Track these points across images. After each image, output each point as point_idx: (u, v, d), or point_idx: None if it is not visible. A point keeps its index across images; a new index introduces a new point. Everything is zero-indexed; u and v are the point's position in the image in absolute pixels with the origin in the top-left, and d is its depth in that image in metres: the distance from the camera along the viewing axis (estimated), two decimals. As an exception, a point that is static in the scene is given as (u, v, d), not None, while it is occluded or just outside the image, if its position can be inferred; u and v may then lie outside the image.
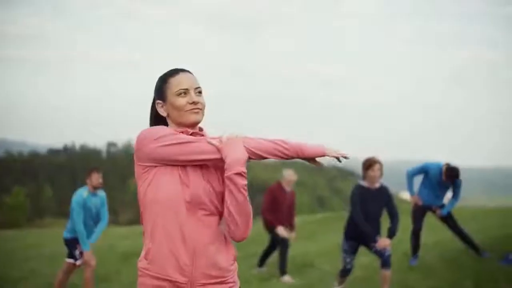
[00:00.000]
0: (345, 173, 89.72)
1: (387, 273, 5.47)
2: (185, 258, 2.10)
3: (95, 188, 6.25)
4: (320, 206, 64.91)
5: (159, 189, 2.11)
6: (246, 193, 2.10)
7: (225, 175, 2.08)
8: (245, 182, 2.09)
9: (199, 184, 2.13)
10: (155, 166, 2.12)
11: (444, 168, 6.90)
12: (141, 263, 2.17)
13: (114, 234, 14.88)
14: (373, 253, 5.59)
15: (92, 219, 6.27)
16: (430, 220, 7.73)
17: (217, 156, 2.11)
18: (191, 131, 2.20)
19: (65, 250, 6.38)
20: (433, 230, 8.59)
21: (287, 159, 2.19)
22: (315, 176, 78.96)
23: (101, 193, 6.40)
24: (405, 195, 7.06)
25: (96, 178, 6.23)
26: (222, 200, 2.17)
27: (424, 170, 7.15)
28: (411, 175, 7.20)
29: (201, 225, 2.12)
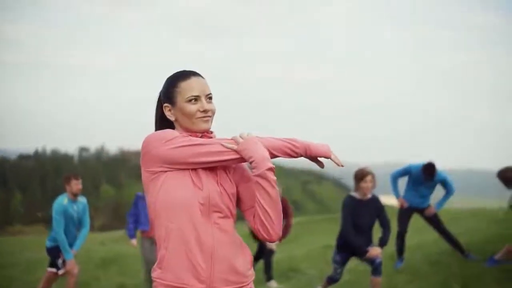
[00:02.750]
0: (319, 177, 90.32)
1: (378, 280, 5.43)
2: (202, 263, 2.00)
3: (75, 195, 6.08)
4: (295, 210, 65.10)
5: (171, 193, 2.01)
6: (277, 189, 2.05)
7: (256, 173, 2.02)
8: (275, 177, 2.04)
9: (211, 187, 2.06)
10: (165, 171, 2.03)
11: (422, 167, 6.92)
12: (155, 272, 2.07)
13: (89, 240, 14.57)
14: (363, 261, 5.53)
15: (74, 226, 6.11)
16: (413, 222, 7.73)
17: (232, 157, 2.05)
18: (200, 134, 2.13)
19: (47, 259, 6.19)
20: (416, 232, 8.61)
21: (295, 157, 2.16)
22: (289, 179, 79.17)
23: (82, 200, 6.24)
24: (385, 199, 7.05)
25: (75, 185, 6.06)
26: (234, 202, 2.12)
27: (407, 171, 7.15)
28: (394, 178, 7.18)
29: (217, 228, 2.04)
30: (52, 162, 68.82)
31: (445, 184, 7.07)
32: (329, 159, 2.19)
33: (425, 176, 6.90)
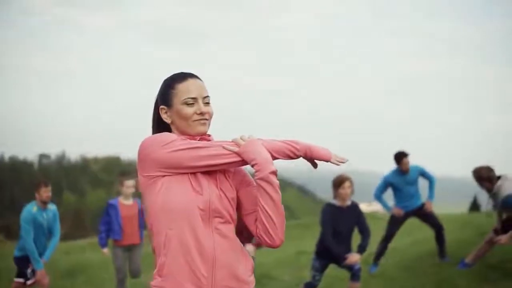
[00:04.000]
0: (283, 184, 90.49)
1: (357, 285, 5.45)
2: (203, 270, 1.94)
3: (44, 202, 5.90)
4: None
5: (171, 199, 1.95)
6: (279, 189, 1.99)
7: (259, 176, 1.95)
8: (278, 181, 1.99)
9: (211, 191, 2.00)
10: (164, 176, 1.96)
11: (394, 158, 7.01)
12: (155, 281, 2.00)
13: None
14: (342, 267, 5.53)
15: (44, 235, 5.93)
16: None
17: (233, 159, 1.99)
18: (198, 137, 2.08)
19: (15, 268, 5.99)
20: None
21: (295, 159, 2.12)
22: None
23: (52, 207, 6.06)
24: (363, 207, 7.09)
25: (44, 192, 5.88)
26: (234, 207, 2.07)
27: (386, 183, 7.18)
28: (379, 195, 7.21)
29: (218, 234, 1.98)
30: (11, 169, 67.06)
31: (424, 175, 7.17)
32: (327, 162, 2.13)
33: (401, 166, 6.97)
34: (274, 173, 1.97)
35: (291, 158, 2.10)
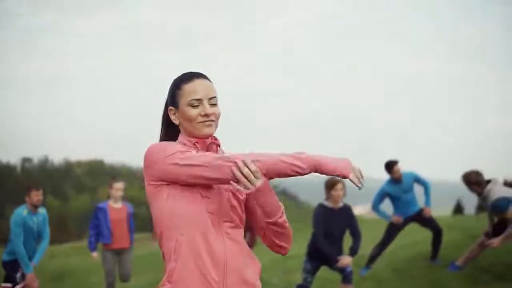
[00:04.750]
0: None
1: None
2: (214, 275, 1.90)
3: (35, 206, 5.84)
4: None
5: (179, 204, 1.92)
6: (287, 225, 2.07)
7: (270, 221, 2.01)
8: (285, 217, 2.05)
9: (220, 195, 1.97)
10: (168, 184, 1.94)
11: (385, 168, 7.04)
12: (165, 287, 1.95)
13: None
14: (333, 269, 5.53)
15: (33, 239, 5.86)
16: (375, 232, 7.83)
17: (231, 180, 1.90)
18: (208, 141, 2.04)
19: (2, 273, 5.90)
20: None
21: (303, 175, 1.96)
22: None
23: (42, 211, 6.00)
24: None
25: (35, 196, 5.82)
26: (243, 209, 2.04)
27: (384, 193, 7.22)
28: (377, 206, 7.25)
29: (228, 238, 1.96)
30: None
31: (419, 181, 7.22)
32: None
33: (393, 175, 7.00)
34: (283, 213, 2.03)
35: (297, 175, 1.95)
